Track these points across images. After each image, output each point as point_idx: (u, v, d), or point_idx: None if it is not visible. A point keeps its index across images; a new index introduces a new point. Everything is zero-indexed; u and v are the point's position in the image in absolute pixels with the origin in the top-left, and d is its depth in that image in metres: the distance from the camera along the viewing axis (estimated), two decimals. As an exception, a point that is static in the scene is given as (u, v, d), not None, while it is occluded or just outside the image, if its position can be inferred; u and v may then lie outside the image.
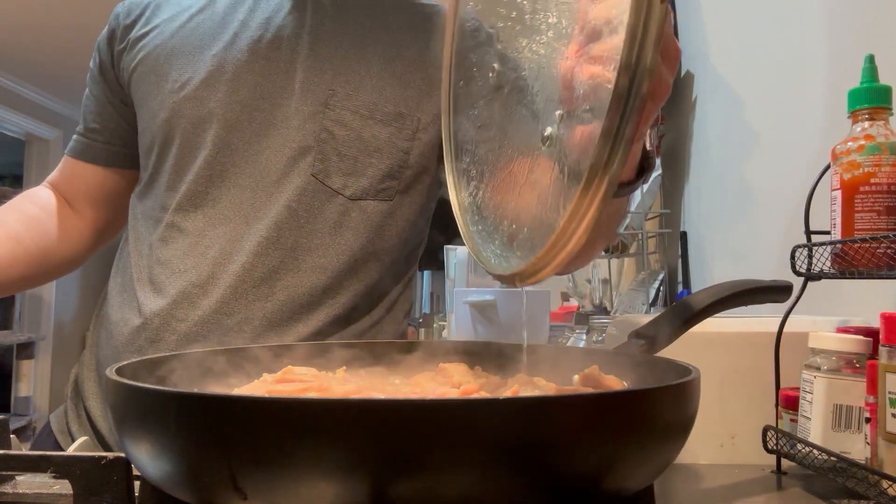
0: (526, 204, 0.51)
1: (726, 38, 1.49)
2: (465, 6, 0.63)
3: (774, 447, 0.66)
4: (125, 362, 0.48)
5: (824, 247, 0.66)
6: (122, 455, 0.42)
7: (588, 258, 0.83)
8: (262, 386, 0.52)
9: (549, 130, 0.48)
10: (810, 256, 0.67)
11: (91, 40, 0.94)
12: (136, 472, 0.43)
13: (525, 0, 0.53)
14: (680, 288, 1.66)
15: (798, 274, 0.68)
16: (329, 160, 0.81)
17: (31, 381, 4.49)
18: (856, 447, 0.60)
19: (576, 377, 0.54)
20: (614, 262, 2.09)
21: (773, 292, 0.66)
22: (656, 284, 1.75)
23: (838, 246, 0.64)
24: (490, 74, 0.58)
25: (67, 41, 3.71)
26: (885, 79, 0.65)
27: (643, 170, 0.57)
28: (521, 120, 0.53)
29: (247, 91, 0.82)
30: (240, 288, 0.78)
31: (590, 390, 0.51)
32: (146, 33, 0.87)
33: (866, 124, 0.64)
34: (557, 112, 0.48)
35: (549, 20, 0.50)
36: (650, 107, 0.43)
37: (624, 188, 0.57)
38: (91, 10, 3.22)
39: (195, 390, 0.51)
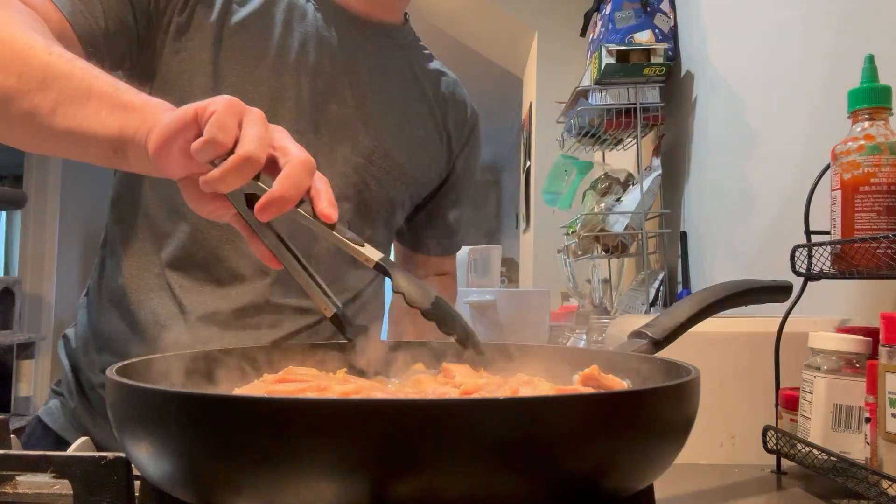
0: None
1: (725, 38, 1.49)
2: None
3: (774, 447, 0.66)
4: (125, 362, 0.48)
5: (824, 247, 0.66)
6: (122, 455, 0.43)
7: None
8: (261, 386, 0.52)
9: None
10: (810, 256, 0.67)
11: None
12: (136, 472, 0.43)
13: None
14: (680, 288, 1.66)
15: (798, 274, 0.68)
16: (359, 210, 0.86)
17: (31, 381, 4.49)
18: (856, 447, 0.60)
19: (576, 377, 0.54)
20: (614, 262, 2.09)
21: (773, 292, 0.66)
22: (656, 284, 1.75)
23: (838, 246, 0.64)
24: None
25: (67, 41, 3.70)
26: (884, 79, 0.65)
27: None
28: None
29: (305, 125, 0.83)
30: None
31: (590, 390, 0.51)
32: (189, 26, 0.81)
33: (866, 124, 0.64)
34: None
35: None
36: None
37: None
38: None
39: (195, 390, 0.51)
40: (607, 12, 1.71)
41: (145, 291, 0.81)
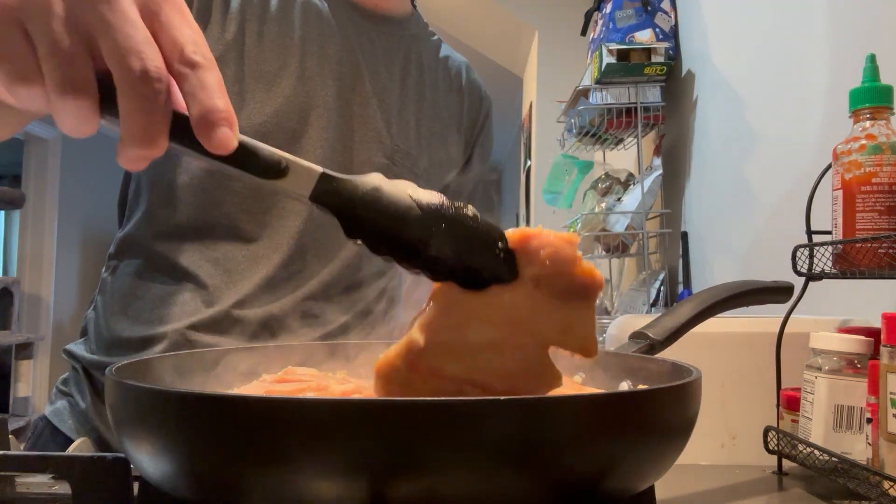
0: None
1: (726, 38, 1.49)
2: None
3: (775, 448, 0.66)
4: (125, 362, 0.48)
5: (825, 247, 0.66)
6: (122, 455, 0.42)
7: None
8: (261, 386, 0.52)
9: None
10: (811, 256, 0.67)
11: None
12: (135, 473, 0.43)
13: None
14: (681, 288, 1.66)
15: (799, 274, 0.68)
16: None
17: (29, 382, 4.49)
18: (857, 448, 0.60)
19: (577, 377, 0.53)
20: (615, 262, 2.09)
21: (775, 293, 0.66)
22: (657, 284, 1.74)
23: (839, 246, 0.64)
24: None
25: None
26: (886, 78, 0.65)
27: None
28: None
29: (333, 132, 0.82)
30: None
31: (590, 390, 0.51)
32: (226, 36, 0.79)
33: (867, 124, 0.64)
34: None
35: None
36: None
37: None
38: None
39: (195, 390, 0.51)
40: (608, 11, 1.71)
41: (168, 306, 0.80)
